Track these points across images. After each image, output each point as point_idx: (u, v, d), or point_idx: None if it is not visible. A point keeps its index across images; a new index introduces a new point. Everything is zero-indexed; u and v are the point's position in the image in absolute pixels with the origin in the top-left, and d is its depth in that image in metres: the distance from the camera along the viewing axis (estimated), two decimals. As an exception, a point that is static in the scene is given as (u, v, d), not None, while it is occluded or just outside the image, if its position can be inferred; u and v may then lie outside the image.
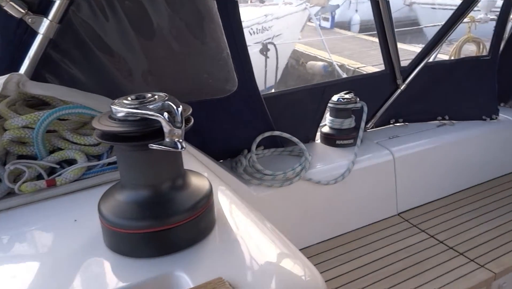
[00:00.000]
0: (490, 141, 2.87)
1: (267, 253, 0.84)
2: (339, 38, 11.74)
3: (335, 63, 8.26)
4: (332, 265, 2.08)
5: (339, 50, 10.54)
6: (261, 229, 0.93)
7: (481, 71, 2.85)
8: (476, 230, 2.32)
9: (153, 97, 0.77)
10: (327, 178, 2.20)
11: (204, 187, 0.85)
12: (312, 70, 9.09)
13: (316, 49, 10.02)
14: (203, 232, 0.84)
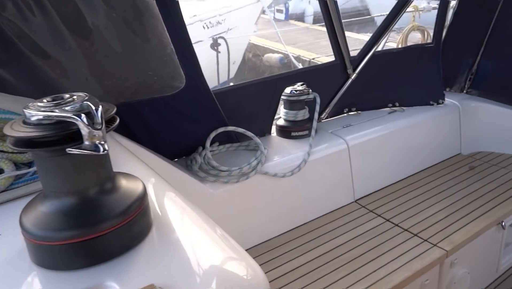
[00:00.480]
0: (438, 125, 3.00)
1: (207, 254, 0.81)
2: (294, 30, 11.84)
3: (290, 54, 8.32)
4: (293, 255, 2.10)
5: (295, 42, 10.63)
6: (203, 230, 0.91)
7: (426, 58, 2.96)
8: (428, 211, 2.41)
9: (71, 98, 0.72)
10: (283, 170, 2.21)
11: (137, 189, 0.81)
12: (269, 62, 9.12)
13: (272, 42, 10.06)
14: (137, 237, 0.80)
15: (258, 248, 2.15)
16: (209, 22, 6.68)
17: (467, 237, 2.19)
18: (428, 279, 2.09)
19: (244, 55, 9.42)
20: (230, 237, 0.88)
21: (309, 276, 1.95)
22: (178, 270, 0.75)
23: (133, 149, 1.45)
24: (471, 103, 3.18)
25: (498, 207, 2.45)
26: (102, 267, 0.74)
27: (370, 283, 1.88)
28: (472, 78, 3.40)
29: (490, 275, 2.62)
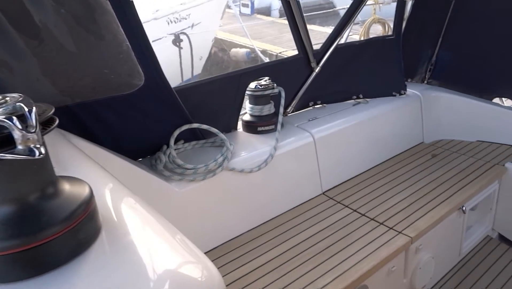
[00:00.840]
0: (401, 116, 3.07)
1: (160, 258, 0.79)
2: (260, 24, 11.83)
3: (257, 49, 8.32)
4: (263, 251, 2.10)
5: (261, 36, 10.62)
6: (158, 232, 0.88)
7: (388, 50, 3.02)
8: (393, 200, 2.47)
9: (3, 100, 0.67)
10: (250, 165, 2.20)
11: (82, 193, 0.78)
12: (236, 57, 9.09)
13: (239, 36, 10.01)
14: (84, 242, 0.76)
15: (228, 245, 2.14)
16: (174, 17, 6.57)
17: (430, 223, 2.26)
18: (395, 266, 2.15)
19: (211, 50, 9.35)
20: (187, 239, 0.86)
21: (278, 270, 1.96)
22: (129, 275, 0.73)
23: (90, 150, 1.40)
24: (432, 93, 3.28)
25: (459, 192, 2.54)
26: (47, 277, 0.70)
27: (338, 274, 1.91)
28: (432, 69, 3.50)
29: (454, 258, 2.72)
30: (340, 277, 1.89)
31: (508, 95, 3.28)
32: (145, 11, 6.40)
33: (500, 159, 2.91)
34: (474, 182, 2.65)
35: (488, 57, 3.17)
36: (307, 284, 1.86)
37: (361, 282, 1.94)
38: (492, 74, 3.19)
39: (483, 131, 3.20)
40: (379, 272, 2.04)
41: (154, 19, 6.07)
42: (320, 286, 1.84)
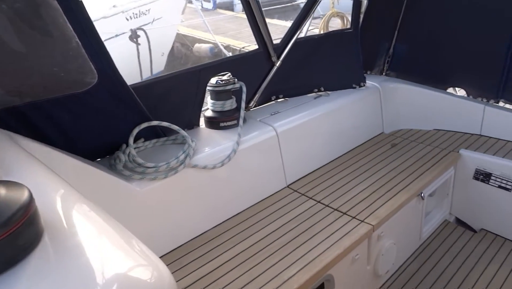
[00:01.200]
0: (361, 107, 3.14)
1: (106, 260, 0.76)
2: (223, 19, 11.75)
3: (220, 44, 8.26)
4: (228, 246, 2.10)
5: (224, 31, 10.56)
6: (107, 234, 0.85)
7: (347, 43, 3.08)
8: (355, 190, 2.53)
9: None
10: (213, 161, 2.19)
11: (21, 197, 0.74)
12: (199, 53, 8.99)
13: (201, 32, 9.90)
14: (24, 249, 0.73)
15: (193, 243, 2.12)
16: (132, 13, 6.41)
17: (390, 211, 2.33)
18: (358, 254, 2.20)
19: (173, 46, 9.19)
20: (138, 240, 0.84)
21: (244, 265, 1.96)
22: (73, 280, 0.70)
23: (41, 152, 1.34)
24: (390, 85, 3.37)
25: (417, 179, 2.63)
26: None
27: (303, 265, 1.93)
28: (389, 61, 3.60)
29: (414, 243, 2.83)
30: (306, 268, 1.92)
31: (461, 85, 3.42)
32: (102, 7, 6.22)
33: (455, 146, 3.04)
34: (431, 169, 2.75)
35: (441, 48, 3.29)
36: (273, 277, 1.87)
37: (326, 272, 1.97)
38: (445, 65, 3.31)
39: (439, 120, 3.33)
40: (343, 260, 2.08)
41: (111, 16, 5.90)
42: (286, 278, 1.86)
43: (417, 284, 2.57)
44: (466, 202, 3.05)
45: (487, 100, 3.15)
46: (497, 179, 2.82)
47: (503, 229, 2.91)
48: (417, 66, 3.47)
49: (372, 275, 2.41)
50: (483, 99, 3.16)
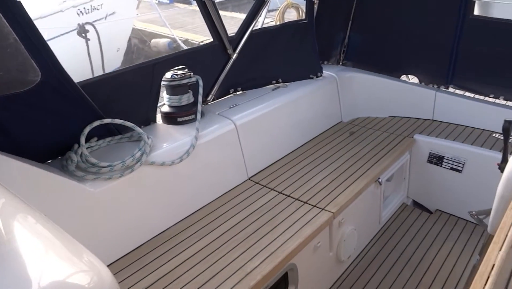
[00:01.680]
0: (319, 97, 3.18)
1: (43, 267, 0.72)
2: (181, 13, 11.53)
3: (177, 38, 8.12)
4: (191, 242, 2.07)
5: (182, 25, 10.37)
6: (44, 240, 0.81)
7: (302, 34, 3.10)
8: (316, 179, 2.57)
9: None
10: (172, 157, 2.15)
11: None
12: (157, 48, 8.79)
13: (158, 26, 9.68)
14: None
15: (154, 241, 2.08)
16: (84, 8, 6.16)
17: (350, 197, 2.39)
18: (320, 241, 2.24)
19: (130, 41, 8.93)
20: (80, 245, 0.80)
21: (207, 260, 1.95)
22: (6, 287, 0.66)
23: None
24: (346, 74, 3.43)
25: (375, 165, 2.71)
26: None
27: (266, 255, 1.94)
28: (345, 51, 3.66)
29: (374, 227, 2.91)
30: (268, 258, 1.93)
31: (413, 72, 3.53)
32: (51, 2, 5.93)
33: (409, 132, 3.14)
34: (388, 155, 2.83)
35: (394, 38, 3.38)
36: (236, 270, 1.87)
37: (289, 261, 1.99)
38: (398, 53, 3.41)
39: (394, 107, 3.43)
40: (305, 249, 2.11)
41: (61, 11, 5.63)
42: (249, 270, 1.86)
43: (379, 266, 2.65)
44: (421, 184, 3.17)
45: (438, 87, 3.27)
46: (449, 161, 2.95)
47: (456, 209, 3.06)
48: (372, 55, 3.56)
49: (334, 261, 2.46)
50: (434, 85, 3.29)
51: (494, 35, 2.89)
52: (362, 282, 2.53)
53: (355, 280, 2.55)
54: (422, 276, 2.56)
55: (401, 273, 2.59)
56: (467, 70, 3.12)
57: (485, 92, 3.13)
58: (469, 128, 3.12)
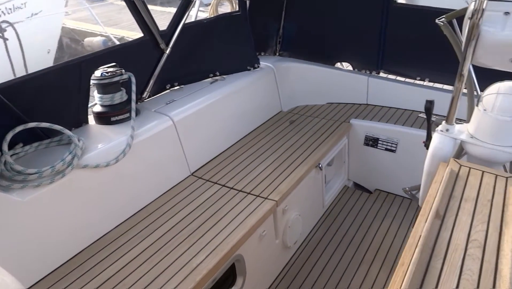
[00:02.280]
0: (257, 88, 3.21)
1: None
2: (115, 10, 11.09)
3: (112, 36, 7.81)
4: (135, 242, 2.02)
5: (117, 22, 10.00)
6: None
7: (236, 26, 3.10)
8: (258, 169, 2.60)
9: None
10: (106, 159, 2.07)
11: None
12: (91, 47, 8.39)
13: (91, 24, 9.25)
14: None
15: (95, 246, 2.00)
16: (5, 8, 5.71)
17: (292, 184, 2.44)
18: (265, 230, 2.27)
19: (62, 42, 8.45)
20: None
21: (152, 259, 1.91)
22: None
23: None
24: (283, 64, 3.49)
25: (315, 151, 2.78)
26: None
27: (211, 249, 1.94)
28: (281, 42, 3.72)
29: (318, 212, 3.00)
30: (214, 252, 1.93)
31: (346, 59, 3.67)
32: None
33: (346, 117, 3.27)
34: (326, 140, 2.93)
35: (326, 26, 3.48)
36: (182, 267, 1.85)
37: (235, 252, 2.00)
38: (331, 42, 3.52)
39: (330, 94, 3.55)
40: (251, 239, 2.13)
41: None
42: (194, 266, 1.85)
43: (324, 248, 2.74)
44: (360, 166, 3.31)
45: (370, 72, 3.42)
46: (384, 142, 3.11)
47: (393, 187, 3.23)
48: (307, 45, 3.64)
49: (281, 247, 2.51)
50: (366, 71, 3.44)
51: (416, 21, 3.07)
52: (309, 266, 2.61)
53: (302, 264, 2.62)
54: (364, 253, 2.68)
55: (345, 252, 2.70)
56: (395, 55, 3.29)
57: (413, 75, 3.33)
58: (400, 110, 3.30)
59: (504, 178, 1.57)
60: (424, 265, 1.21)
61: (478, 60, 1.58)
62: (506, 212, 1.40)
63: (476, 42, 1.48)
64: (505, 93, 1.58)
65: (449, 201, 1.47)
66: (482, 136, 1.65)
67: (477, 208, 1.43)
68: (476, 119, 1.67)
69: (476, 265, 1.20)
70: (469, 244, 1.28)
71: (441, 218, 1.39)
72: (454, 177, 1.59)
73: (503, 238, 1.29)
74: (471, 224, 1.36)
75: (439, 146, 1.74)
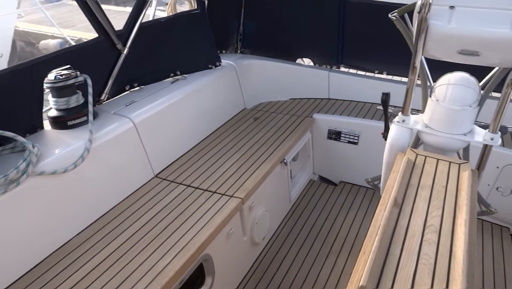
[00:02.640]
0: (220, 86, 3.19)
1: None
2: (72, 10, 10.72)
3: (69, 38, 7.54)
4: (99, 248, 1.96)
5: (74, 24, 9.66)
6: None
7: (195, 24, 3.06)
8: (223, 167, 2.59)
9: None
10: (64, 164, 1.99)
11: None
12: (47, 50, 8.07)
13: (47, 26, 8.89)
14: None
15: (55, 256, 1.93)
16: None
17: (257, 181, 2.44)
18: (232, 228, 2.27)
19: (15, 45, 8.08)
20: None
21: (117, 264, 1.86)
22: None
23: None
24: (245, 62, 3.49)
25: (279, 147, 2.80)
26: None
27: (178, 251, 1.92)
28: (241, 39, 3.71)
29: (285, 207, 3.03)
30: (180, 253, 1.90)
31: (307, 55, 3.71)
32: None
33: (309, 112, 3.31)
34: (291, 136, 2.95)
35: (285, 23, 3.50)
36: (148, 270, 1.82)
37: (202, 252, 1.99)
38: (291, 38, 3.55)
39: (293, 90, 3.58)
40: (218, 238, 2.13)
41: None
42: (161, 268, 1.82)
43: (292, 242, 2.77)
44: (325, 160, 3.36)
45: (331, 67, 3.48)
46: (346, 135, 3.17)
47: (357, 178, 3.30)
48: (267, 41, 3.66)
49: (250, 244, 2.52)
50: (327, 66, 3.49)
51: (372, 16, 3.14)
52: (278, 260, 2.63)
53: (271, 259, 2.64)
54: (332, 244, 2.74)
55: (313, 245, 2.74)
56: (353, 50, 3.36)
57: (371, 68, 3.41)
58: (361, 103, 3.38)
59: (457, 165, 1.64)
60: (384, 253, 1.24)
61: (429, 53, 1.63)
62: (459, 197, 1.46)
63: (425, 36, 1.54)
64: (454, 84, 1.64)
65: (406, 189, 1.52)
66: (436, 126, 1.72)
67: (433, 195, 1.48)
68: (429, 109, 1.73)
69: (433, 249, 1.24)
70: (426, 230, 1.32)
71: (399, 206, 1.43)
72: (411, 166, 1.64)
73: (457, 222, 1.35)
74: (427, 210, 1.41)
75: (396, 136, 1.80)
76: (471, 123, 1.69)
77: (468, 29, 1.45)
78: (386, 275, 1.17)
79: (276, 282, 2.48)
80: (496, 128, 1.63)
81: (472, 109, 1.62)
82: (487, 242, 2.75)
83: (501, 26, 1.40)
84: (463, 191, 1.48)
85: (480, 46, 1.46)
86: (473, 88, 1.62)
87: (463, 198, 1.45)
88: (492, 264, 2.57)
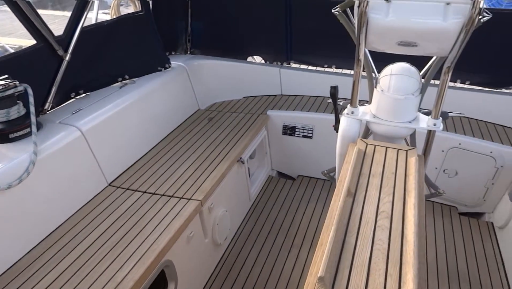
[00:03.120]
0: (171, 89, 3.14)
1: None
2: (10, 18, 10.14)
3: (7, 46, 7.13)
4: (53, 264, 1.87)
5: (12, 31, 9.14)
6: None
7: (141, 26, 2.99)
8: (179, 171, 2.54)
9: None
10: (7, 180, 1.88)
11: None
12: (-16, 60, 7.60)
13: (-18, 35, 8.37)
14: None
15: (6, 276, 1.82)
16: None
17: (215, 182, 2.43)
18: (193, 231, 2.24)
19: None
20: None
21: (73, 279, 1.78)
22: None
23: None
24: (195, 62, 3.45)
25: (235, 146, 2.80)
26: None
27: (137, 260, 1.86)
28: (190, 39, 3.67)
29: (246, 205, 3.04)
30: (140, 261, 1.85)
31: (257, 53, 3.73)
32: None
33: (263, 109, 3.33)
34: (246, 134, 2.96)
35: (234, 21, 3.50)
36: (106, 282, 1.75)
37: (162, 259, 1.95)
38: (241, 36, 3.55)
39: (246, 88, 3.58)
40: (178, 242, 2.09)
41: None
42: (120, 279, 1.76)
43: (255, 239, 2.78)
44: (282, 155, 3.40)
45: (281, 64, 3.52)
46: (300, 130, 3.22)
47: (314, 171, 3.37)
48: (216, 41, 3.64)
49: (212, 246, 2.50)
50: (277, 63, 3.53)
51: (317, 12, 3.21)
52: (242, 259, 2.63)
53: (235, 258, 2.63)
54: (293, 238, 2.77)
55: (275, 241, 2.76)
56: (302, 46, 3.41)
57: (321, 63, 3.48)
58: (313, 98, 3.44)
59: (405, 151, 1.71)
60: (340, 242, 1.27)
61: (371, 45, 1.69)
62: (408, 182, 1.52)
63: (366, 29, 1.58)
64: (397, 74, 1.71)
65: (359, 178, 1.56)
66: (383, 115, 1.78)
67: (384, 182, 1.54)
68: (376, 100, 1.79)
69: (385, 234, 1.29)
70: (378, 216, 1.37)
71: (352, 196, 1.47)
72: (362, 155, 1.69)
73: (406, 206, 1.41)
74: (379, 197, 1.46)
75: (346, 128, 1.85)
76: (415, 111, 1.76)
77: (404, 21, 1.51)
78: (343, 263, 1.20)
79: (241, 281, 2.48)
80: (437, 114, 1.72)
81: (414, 98, 1.70)
82: (438, 222, 2.89)
83: (434, 17, 1.47)
84: (411, 175, 1.55)
85: (417, 37, 1.53)
86: (414, 78, 1.70)
87: (411, 182, 1.51)
88: (444, 242, 2.72)
